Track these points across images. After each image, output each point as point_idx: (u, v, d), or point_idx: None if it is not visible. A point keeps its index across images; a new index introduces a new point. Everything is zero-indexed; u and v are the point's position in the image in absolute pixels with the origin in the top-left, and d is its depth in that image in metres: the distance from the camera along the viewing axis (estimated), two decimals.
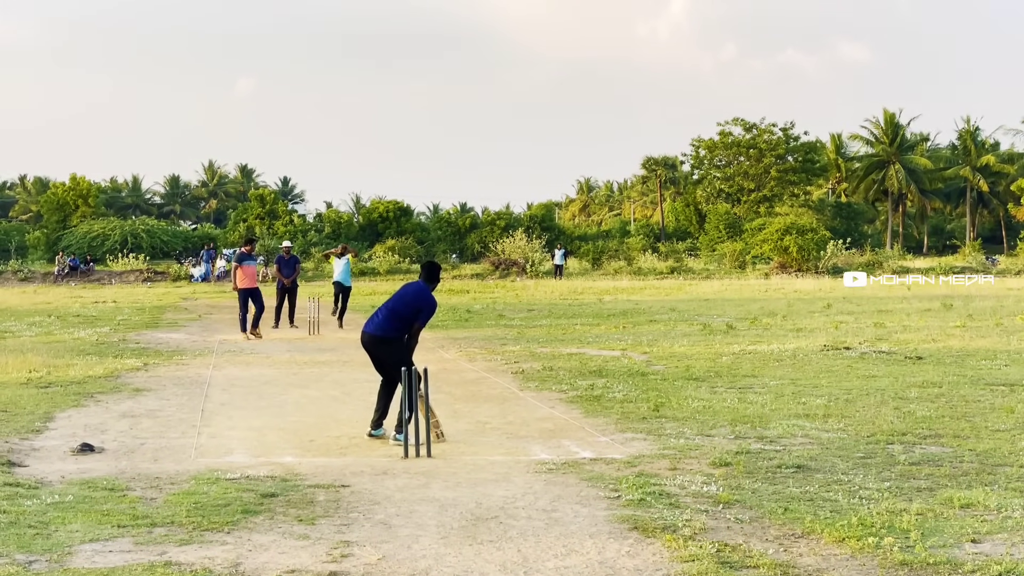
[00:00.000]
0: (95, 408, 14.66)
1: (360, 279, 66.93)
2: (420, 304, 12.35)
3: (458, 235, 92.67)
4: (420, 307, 12.33)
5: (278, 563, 7.45)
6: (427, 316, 12.36)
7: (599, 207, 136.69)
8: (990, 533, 8.06)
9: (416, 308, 12.31)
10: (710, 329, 27.00)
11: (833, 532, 8.01)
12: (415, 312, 12.28)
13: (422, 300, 12.37)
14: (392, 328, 12.31)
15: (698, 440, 12.03)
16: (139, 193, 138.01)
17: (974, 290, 48.48)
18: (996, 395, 15.26)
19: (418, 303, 12.34)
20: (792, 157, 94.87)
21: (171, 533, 8.23)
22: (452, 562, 7.48)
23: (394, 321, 12.32)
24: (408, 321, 12.29)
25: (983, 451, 11.22)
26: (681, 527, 8.24)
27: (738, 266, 73.41)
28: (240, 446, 11.90)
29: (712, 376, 17.65)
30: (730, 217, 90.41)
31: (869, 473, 10.19)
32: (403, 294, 12.57)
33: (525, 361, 20.17)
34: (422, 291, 12.46)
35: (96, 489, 9.71)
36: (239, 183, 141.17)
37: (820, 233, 71.98)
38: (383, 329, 12.34)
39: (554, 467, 10.66)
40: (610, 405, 14.63)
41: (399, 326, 12.31)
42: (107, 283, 65.16)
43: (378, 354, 12.41)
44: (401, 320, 12.31)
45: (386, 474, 10.41)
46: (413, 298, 12.39)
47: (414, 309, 12.30)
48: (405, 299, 12.45)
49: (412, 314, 12.28)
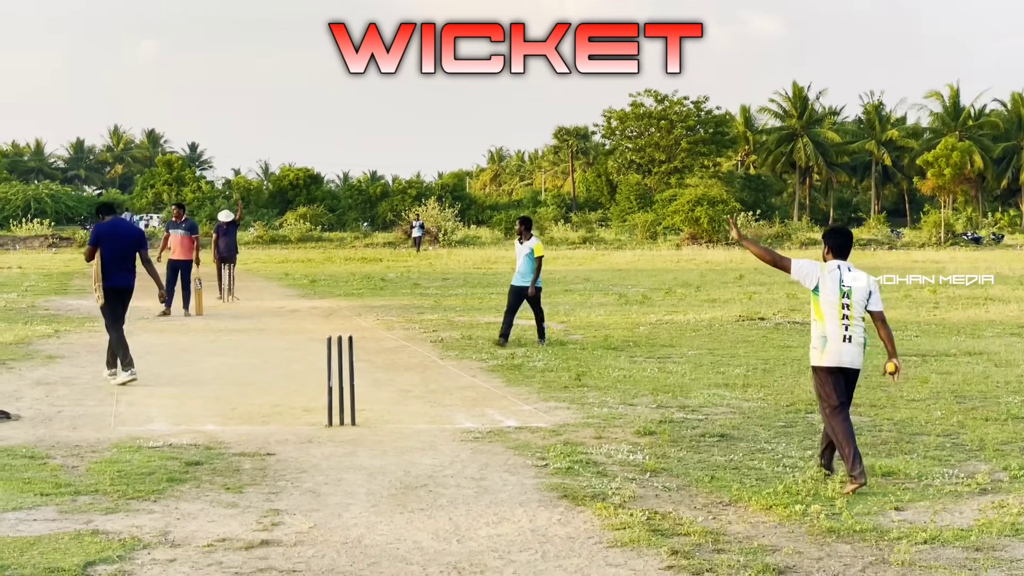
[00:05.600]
0: (8, 375, 14.39)
1: (271, 247, 66.40)
2: None
3: (369, 203, 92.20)
4: None
5: (208, 532, 7.37)
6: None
7: (510, 177, 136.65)
8: (912, 501, 8.21)
9: None
10: (626, 299, 27.16)
11: (760, 500, 8.11)
12: None
13: None
14: None
15: (621, 409, 12.10)
16: (42, 157, 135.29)
17: (879, 262, 49.28)
18: (909, 365, 15.50)
19: None
20: (703, 129, 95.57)
21: (96, 501, 8.10)
22: (384, 530, 7.46)
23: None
24: None
25: (900, 420, 11.43)
26: (611, 495, 8.29)
27: (649, 237, 73.91)
28: (160, 414, 11.74)
29: (631, 346, 17.76)
30: (641, 188, 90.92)
31: (791, 442, 10.33)
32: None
33: (443, 330, 20.14)
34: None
35: (16, 457, 9.53)
36: (145, 148, 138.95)
37: (730, 205, 72.67)
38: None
39: (480, 435, 10.66)
40: (531, 374, 14.66)
41: None
42: (11, 249, 63.92)
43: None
44: None
45: (311, 442, 10.33)
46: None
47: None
48: None
49: None
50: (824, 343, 8.88)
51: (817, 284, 8.90)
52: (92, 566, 6.62)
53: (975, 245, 71.57)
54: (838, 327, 8.83)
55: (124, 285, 14.27)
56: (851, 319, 8.84)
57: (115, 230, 14.20)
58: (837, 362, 8.87)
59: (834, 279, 8.90)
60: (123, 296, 14.28)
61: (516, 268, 18.11)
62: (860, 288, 8.92)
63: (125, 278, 14.20)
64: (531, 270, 17.76)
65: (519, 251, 18.07)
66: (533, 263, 17.77)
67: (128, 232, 14.60)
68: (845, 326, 8.83)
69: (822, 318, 8.88)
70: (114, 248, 14.07)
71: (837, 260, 9.03)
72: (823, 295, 8.88)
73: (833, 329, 8.84)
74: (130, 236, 14.47)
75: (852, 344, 8.88)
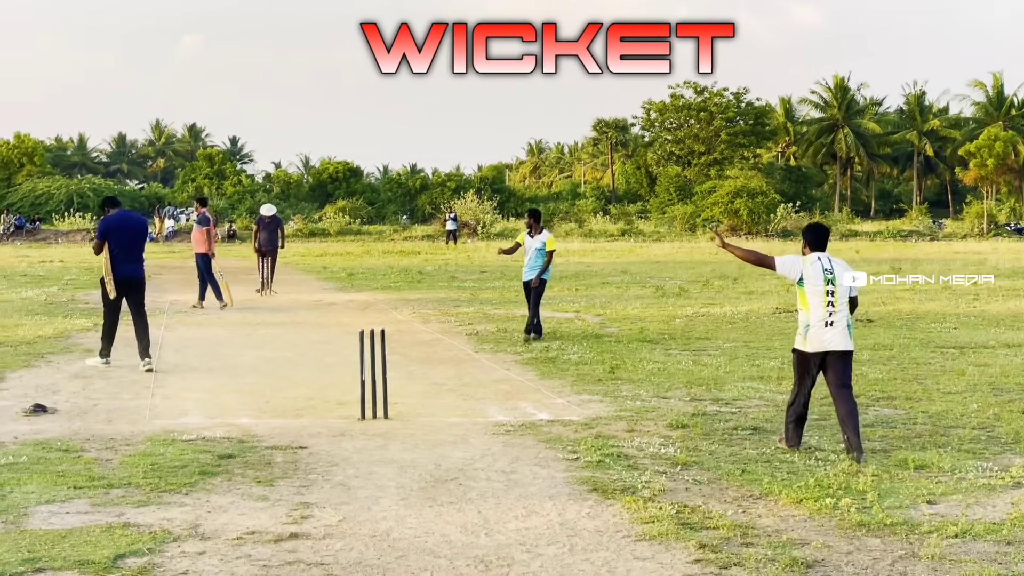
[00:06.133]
0: (46, 369, 14.51)
1: (310, 240, 66.72)
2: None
3: (408, 196, 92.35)
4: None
5: (238, 524, 7.41)
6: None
7: (550, 169, 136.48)
8: (945, 494, 8.15)
9: None
10: (663, 291, 27.09)
11: (791, 493, 8.08)
12: None
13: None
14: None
15: (654, 402, 12.08)
16: (85, 152, 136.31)
17: (920, 253, 48.92)
18: (947, 358, 15.42)
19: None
20: (742, 120, 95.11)
21: (128, 494, 8.17)
22: (413, 523, 7.48)
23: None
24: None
25: (935, 413, 11.34)
26: (640, 489, 8.28)
27: (688, 229, 73.66)
28: (195, 407, 11.82)
29: (666, 338, 17.72)
30: (680, 180, 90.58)
31: (824, 435, 10.27)
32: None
33: (479, 323, 20.16)
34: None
35: (51, 450, 9.62)
36: (187, 142, 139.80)
37: (770, 196, 72.35)
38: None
39: (512, 429, 10.67)
40: (565, 367, 14.65)
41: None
42: (53, 242, 64.49)
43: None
44: None
45: (343, 435, 10.37)
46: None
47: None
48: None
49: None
50: (807, 330, 9.42)
51: (801, 276, 9.45)
52: (122, 559, 6.68)
53: (1018, 236, 70.86)
54: (822, 313, 9.33)
55: (134, 276, 14.75)
56: (835, 304, 9.35)
57: (122, 223, 14.75)
58: (818, 347, 9.39)
59: (817, 268, 9.43)
60: (133, 287, 14.73)
61: (525, 263, 17.88)
62: (842, 274, 9.45)
63: (134, 269, 14.70)
64: (541, 264, 17.60)
65: (529, 244, 17.83)
66: (544, 257, 17.61)
67: (135, 224, 15.09)
68: (829, 312, 9.33)
69: (807, 307, 9.41)
70: (122, 240, 14.62)
71: (816, 252, 9.59)
72: (808, 285, 9.40)
73: (817, 316, 9.35)
74: (137, 228, 15.01)
75: (835, 328, 9.35)
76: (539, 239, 17.70)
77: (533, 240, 17.76)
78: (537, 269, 17.60)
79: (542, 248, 17.62)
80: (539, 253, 17.62)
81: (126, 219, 14.90)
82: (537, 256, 17.62)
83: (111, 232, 14.51)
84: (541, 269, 17.57)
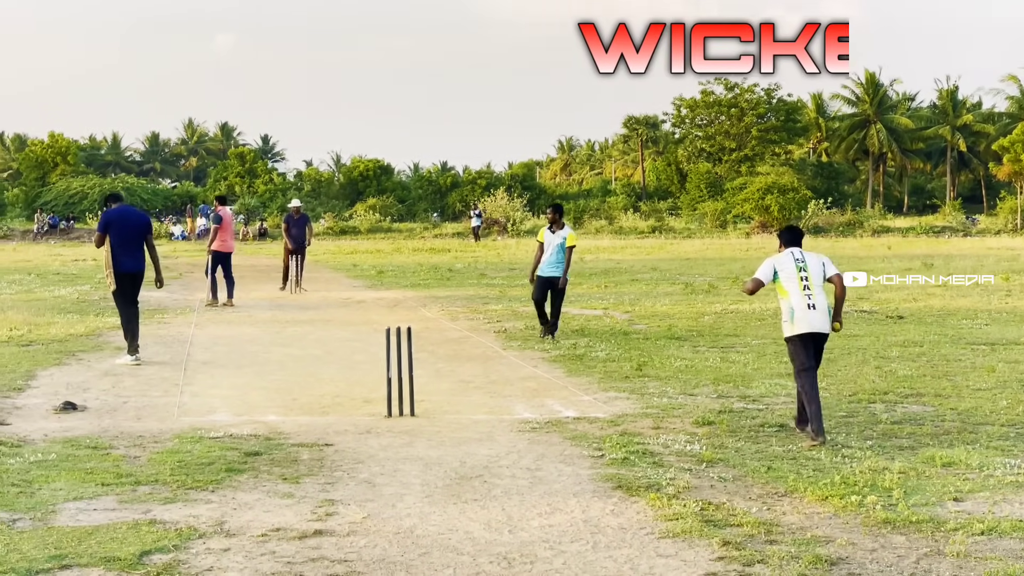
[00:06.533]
0: (77, 366, 14.61)
1: (341, 238, 66.92)
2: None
3: (439, 194, 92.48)
4: None
5: (263, 521, 7.45)
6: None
7: (580, 166, 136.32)
8: (972, 491, 8.11)
9: None
10: (692, 288, 27.03)
11: (816, 491, 8.05)
12: None
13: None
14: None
15: (681, 399, 12.06)
16: (118, 151, 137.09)
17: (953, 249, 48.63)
18: (977, 354, 15.33)
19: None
20: (773, 116, 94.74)
21: (155, 491, 8.22)
22: (437, 520, 7.50)
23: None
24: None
25: (964, 410, 11.28)
26: (665, 486, 8.27)
27: (719, 225, 73.45)
28: (223, 405, 11.88)
29: (694, 335, 17.69)
30: (711, 176, 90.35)
31: (851, 432, 10.24)
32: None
33: (507, 320, 20.17)
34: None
35: (79, 447, 9.69)
36: (219, 141, 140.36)
37: (801, 192, 72.02)
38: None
39: (537, 426, 10.68)
40: (593, 364, 14.65)
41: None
42: (87, 241, 64.77)
43: None
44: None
45: (370, 433, 10.41)
46: None
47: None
48: None
49: None
50: (792, 314, 9.98)
51: (775, 271, 10.09)
52: (148, 555, 6.72)
53: None
54: (801, 297, 9.93)
55: (134, 270, 15.17)
56: (811, 287, 9.96)
57: (123, 217, 15.17)
58: (808, 328, 9.92)
59: (788, 259, 10.12)
60: (133, 280, 15.15)
61: (547, 257, 17.43)
62: (813, 261, 10.12)
63: (134, 263, 15.01)
64: (562, 260, 17.33)
65: (549, 240, 17.45)
66: (564, 253, 17.37)
67: (136, 219, 15.46)
68: (808, 295, 9.93)
69: (786, 294, 10.02)
70: (123, 234, 15.02)
71: (789, 248, 10.28)
72: (782, 275, 10.05)
73: (797, 300, 9.94)
74: (138, 223, 15.38)
75: (818, 311, 9.95)
76: (560, 235, 17.41)
77: (555, 236, 17.44)
78: (559, 266, 17.31)
79: (563, 244, 17.36)
80: (560, 249, 17.37)
81: (127, 214, 15.30)
82: (558, 252, 17.34)
83: (111, 226, 15.00)
84: (565, 266, 17.41)
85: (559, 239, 17.40)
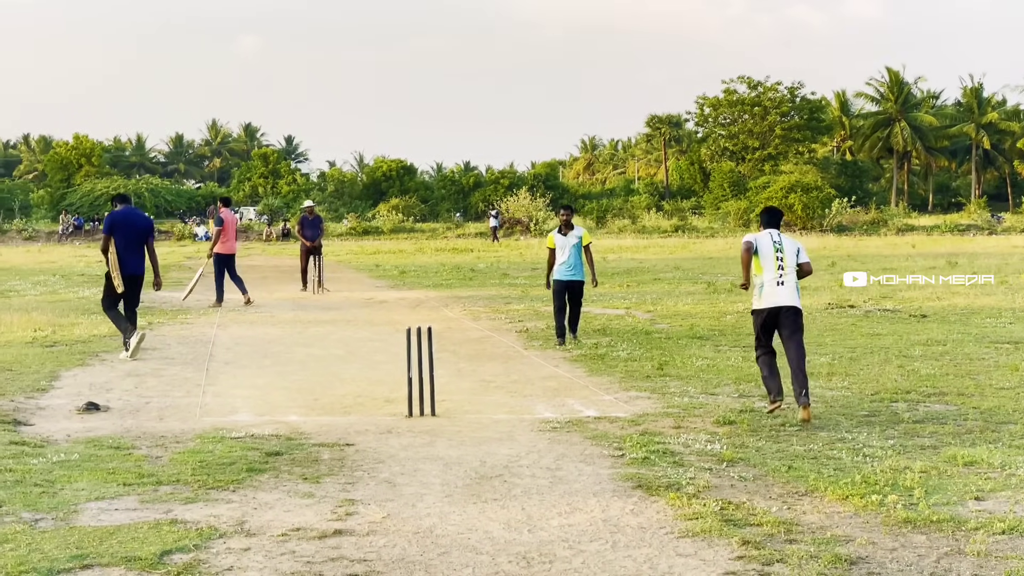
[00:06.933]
0: (100, 367, 14.68)
1: (363, 238, 67.07)
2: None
3: (462, 194, 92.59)
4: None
5: (283, 521, 7.47)
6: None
7: (603, 165, 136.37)
8: (994, 491, 8.07)
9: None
10: (714, 288, 27.00)
11: (837, 490, 8.02)
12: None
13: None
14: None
15: (702, 399, 12.05)
16: (143, 152, 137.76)
17: (977, 247, 48.40)
18: (1000, 353, 15.26)
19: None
20: (797, 115, 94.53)
21: (177, 491, 8.25)
22: (456, 520, 7.51)
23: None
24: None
25: (987, 409, 11.23)
26: (685, 485, 8.26)
27: (742, 224, 73.28)
28: (245, 405, 11.92)
29: (716, 335, 17.66)
30: (734, 175, 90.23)
31: (873, 431, 10.20)
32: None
33: (529, 320, 20.18)
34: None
35: (102, 447, 9.73)
36: (243, 142, 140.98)
37: (825, 191, 71.88)
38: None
39: (558, 425, 10.68)
40: (614, 364, 14.64)
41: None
42: None
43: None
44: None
45: (390, 432, 10.43)
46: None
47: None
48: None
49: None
50: (761, 290, 11.03)
51: (756, 247, 11.07)
52: (168, 555, 6.75)
53: None
54: (774, 274, 10.95)
55: (136, 272, 15.38)
56: (785, 268, 10.98)
57: (127, 219, 15.33)
58: (772, 303, 10.96)
59: (767, 240, 11.12)
60: (136, 282, 15.35)
61: (563, 261, 16.85)
62: (789, 244, 11.14)
63: (137, 265, 15.27)
64: (579, 261, 16.84)
65: (562, 243, 16.86)
66: (581, 254, 16.89)
67: (139, 222, 15.59)
68: (780, 273, 10.96)
69: (761, 271, 11.03)
70: (126, 236, 15.23)
71: (768, 229, 11.27)
72: (761, 252, 11.04)
73: (769, 277, 10.96)
74: (141, 225, 15.54)
75: (785, 287, 10.97)
76: (574, 235, 16.87)
77: (567, 238, 16.87)
78: (579, 267, 16.84)
79: (578, 244, 16.85)
80: (576, 250, 16.85)
81: (131, 215, 15.48)
82: (575, 253, 16.82)
83: (116, 227, 15.23)
84: (591, 268, 17.10)
85: (574, 240, 16.86)
